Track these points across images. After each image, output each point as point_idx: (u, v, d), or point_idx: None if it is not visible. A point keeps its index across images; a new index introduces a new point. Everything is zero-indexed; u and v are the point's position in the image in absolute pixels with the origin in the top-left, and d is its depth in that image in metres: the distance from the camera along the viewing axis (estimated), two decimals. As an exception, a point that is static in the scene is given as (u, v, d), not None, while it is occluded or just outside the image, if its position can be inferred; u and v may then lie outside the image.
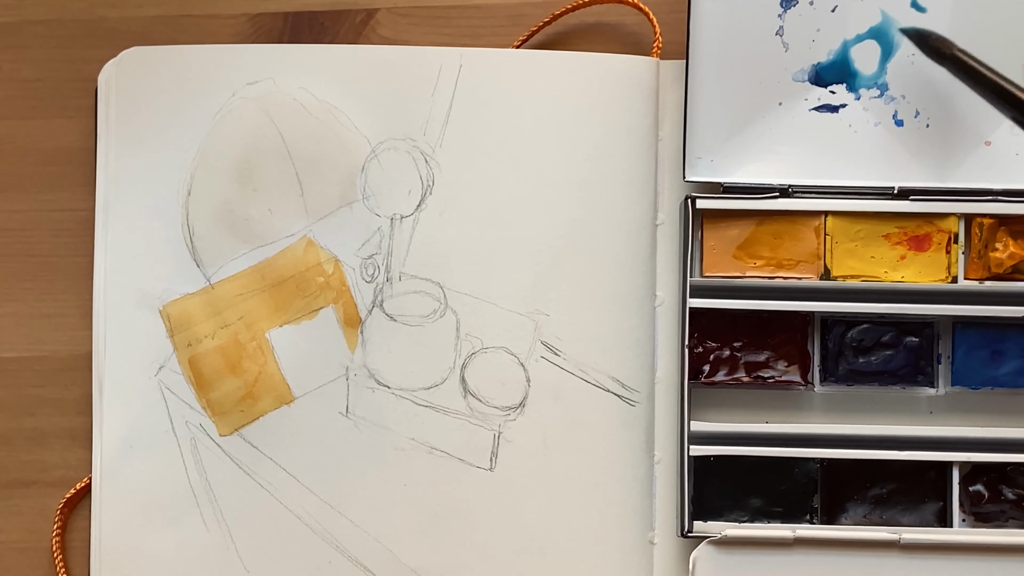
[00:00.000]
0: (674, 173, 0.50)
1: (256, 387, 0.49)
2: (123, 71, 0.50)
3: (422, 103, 0.50)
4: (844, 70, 0.48)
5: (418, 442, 0.49)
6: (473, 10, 0.52)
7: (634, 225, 0.50)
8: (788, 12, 0.48)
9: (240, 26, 0.52)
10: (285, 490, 0.49)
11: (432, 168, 0.50)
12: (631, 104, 0.50)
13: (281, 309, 0.50)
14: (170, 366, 0.49)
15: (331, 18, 0.52)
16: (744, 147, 0.49)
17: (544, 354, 0.49)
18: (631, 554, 0.49)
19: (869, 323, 0.49)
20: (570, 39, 0.52)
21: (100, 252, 0.50)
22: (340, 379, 0.49)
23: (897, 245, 0.49)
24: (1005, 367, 0.48)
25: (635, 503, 0.49)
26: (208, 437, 0.49)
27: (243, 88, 0.50)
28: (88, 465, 0.50)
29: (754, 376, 0.49)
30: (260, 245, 0.50)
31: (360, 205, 0.50)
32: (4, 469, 0.51)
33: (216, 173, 0.50)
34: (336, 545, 0.49)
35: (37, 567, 0.50)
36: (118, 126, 0.50)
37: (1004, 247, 0.48)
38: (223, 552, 0.49)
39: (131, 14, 0.52)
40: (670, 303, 0.50)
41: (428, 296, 0.49)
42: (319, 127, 0.50)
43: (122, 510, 0.49)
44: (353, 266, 0.50)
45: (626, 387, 0.49)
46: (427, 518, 0.49)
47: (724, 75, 0.48)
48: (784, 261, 0.49)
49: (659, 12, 0.50)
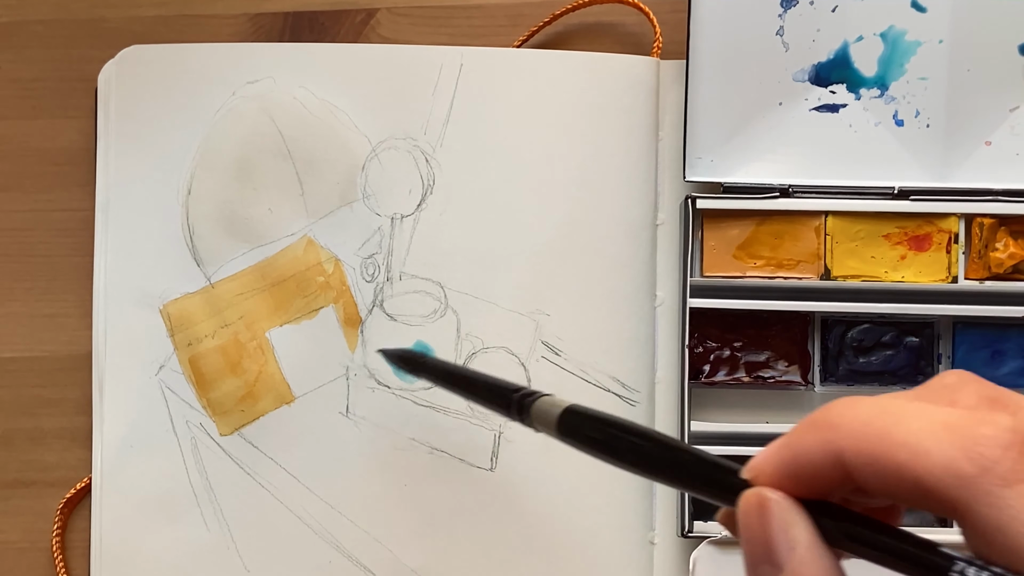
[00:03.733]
0: (674, 173, 0.50)
1: (256, 387, 0.49)
2: (123, 71, 0.50)
3: (423, 102, 0.50)
4: (844, 70, 0.48)
5: (418, 442, 0.49)
6: (473, 10, 0.52)
7: (634, 225, 0.50)
8: (788, 12, 0.48)
9: (240, 26, 0.52)
10: (285, 490, 0.49)
11: (433, 167, 0.50)
12: (631, 104, 0.50)
13: (281, 309, 0.50)
14: (170, 365, 0.49)
15: (331, 18, 0.52)
16: (744, 147, 0.49)
17: (544, 354, 0.49)
18: (631, 554, 0.49)
19: (869, 323, 0.49)
20: (570, 39, 0.52)
21: (100, 252, 0.50)
22: (340, 379, 0.49)
23: (897, 245, 0.49)
24: (1005, 367, 0.48)
25: (635, 503, 0.49)
26: (208, 437, 0.49)
27: (243, 87, 0.50)
28: (88, 465, 0.50)
29: (754, 376, 0.49)
30: (260, 244, 0.50)
31: (360, 204, 0.50)
32: (4, 469, 0.51)
33: (216, 172, 0.50)
34: (336, 545, 0.49)
35: (37, 567, 0.50)
36: (118, 126, 0.50)
37: (1004, 247, 0.48)
38: (223, 552, 0.49)
39: (131, 14, 0.52)
40: (670, 303, 0.50)
41: (428, 296, 0.49)
42: (319, 126, 0.50)
43: (122, 510, 0.49)
44: (353, 266, 0.50)
45: (626, 387, 0.49)
46: (427, 518, 0.49)
47: (724, 75, 0.48)
48: (784, 261, 0.49)
49: (659, 12, 0.50)
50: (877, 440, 0.23)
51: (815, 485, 0.25)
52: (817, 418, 0.25)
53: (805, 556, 0.24)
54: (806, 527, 0.24)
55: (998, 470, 0.22)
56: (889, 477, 0.23)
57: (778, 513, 0.25)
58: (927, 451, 0.22)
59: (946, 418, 0.23)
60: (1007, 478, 0.22)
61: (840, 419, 0.24)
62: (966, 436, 0.22)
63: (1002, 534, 0.22)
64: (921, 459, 0.22)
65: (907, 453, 0.23)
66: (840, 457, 0.24)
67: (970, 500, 0.22)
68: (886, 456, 0.23)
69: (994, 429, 0.22)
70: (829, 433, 0.24)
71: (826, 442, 0.24)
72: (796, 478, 0.25)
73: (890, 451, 0.23)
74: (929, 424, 0.23)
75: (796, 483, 0.25)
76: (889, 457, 0.23)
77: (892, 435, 0.23)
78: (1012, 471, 0.22)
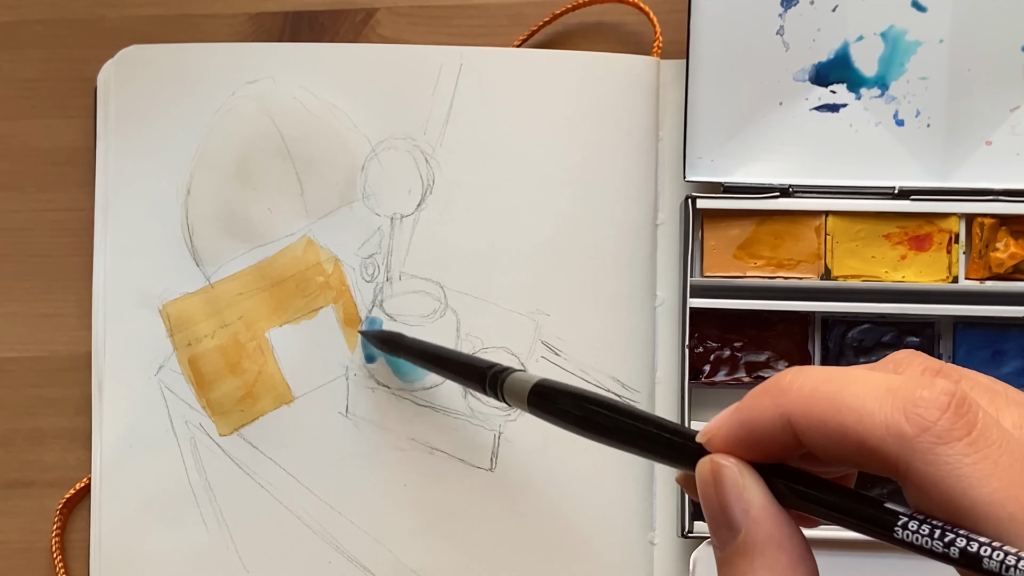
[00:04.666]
0: (674, 173, 0.50)
1: (256, 387, 0.49)
2: (122, 70, 0.50)
3: (422, 102, 0.50)
4: (845, 70, 0.48)
5: (418, 442, 0.49)
6: (473, 10, 0.52)
7: (634, 225, 0.50)
8: (788, 12, 0.48)
9: (240, 25, 0.52)
10: (285, 490, 0.49)
11: (432, 167, 0.50)
12: (631, 104, 0.50)
13: (281, 309, 0.50)
14: (170, 366, 0.49)
15: (331, 18, 0.52)
16: (744, 147, 0.48)
17: (544, 354, 0.49)
18: (631, 554, 0.49)
19: (870, 323, 0.49)
20: (570, 39, 0.52)
21: (99, 252, 0.50)
22: (340, 379, 0.49)
23: (898, 245, 0.49)
24: (1006, 367, 0.48)
25: (635, 503, 0.49)
26: (208, 437, 0.49)
27: (243, 87, 0.50)
28: (88, 465, 0.50)
29: (754, 376, 0.49)
30: (260, 244, 0.50)
31: (360, 204, 0.50)
32: (4, 469, 0.51)
33: (216, 172, 0.50)
34: (336, 545, 0.49)
35: (37, 567, 0.50)
36: (117, 125, 0.50)
37: (1005, 247, 0.48)
38: (223, 552, 0.49)
39: (131, 13, 0.52)
40: (670, 303, 0.50)
41: (428, 296, 0.49)
42: (319, 126, 0.50)
43: (122, 510, 0.49)
44: (353, 266, 0.50)
45: (626, 387, 0.49)
46: (427, 518, 0.49)
47: (724, 75, 0.48)
48: (784, 261, 0.49)
49: (659, 12, 0.50)
50: (825, 403, 0.25)
51: (767, 449, 0.26)
52: (768, 385, 0.26)
53: (759, 516, 0.26)
54: (759, 490, 0.26)
55: (935, 430, 0.23)
56: (835, 439, 0.24)
57: (731, 478, 0.26)
58: (870, 413, 0.24)
59: (888, 383, 0.24)
60: (943, 437, 0.23)
61: (790, 385, 0.25)
62: (907, 399, 0.23)
63: (939, 489, 0.23)
64: (865, 421, 0.24)
65: (852, 416, 0.24)
66: (789, 420, 0.25)
67: (910, 458, 0.23)
68: (832, 419, 0.24)
69: (932, 392, 0.23)
70: (779, 398, 0.25)
71: (776, 407, 0.25)
72: (748, 442, 0.26)
73: (836, 414, 0.24)
74: (873, 388, 0.24)
75: (749, 447, 0.26)
76: (835, 420, 0.24)
77: (838, 399, 0.24)
78: (948, 431, 0.23)
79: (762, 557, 0.25)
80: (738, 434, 0.26)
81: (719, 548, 0.26)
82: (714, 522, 0.26)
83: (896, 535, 0.24)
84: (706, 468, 0.27)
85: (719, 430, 0.27)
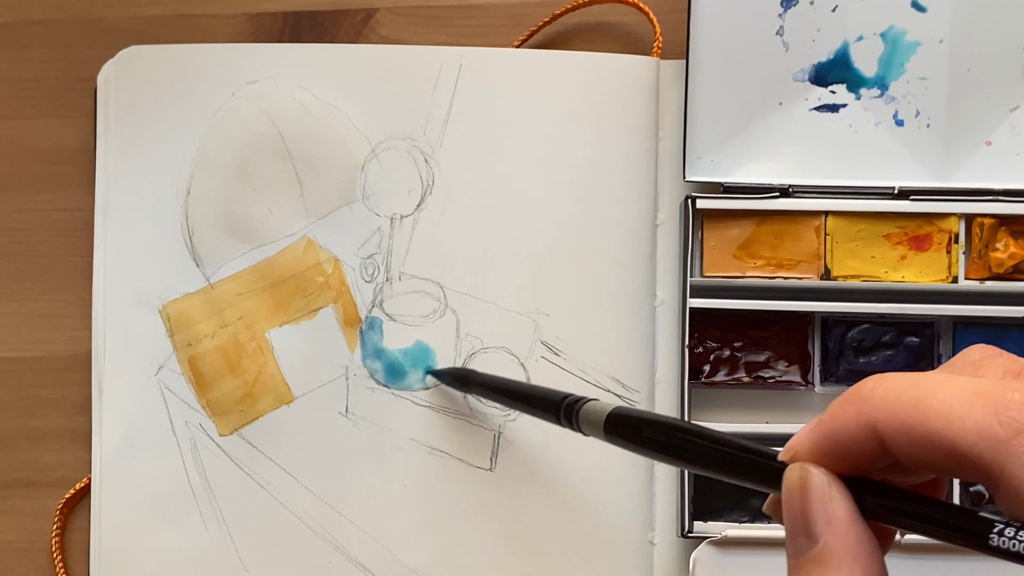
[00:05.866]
0: (674, 173, 0.50)
1: (256, 387, 0.49)
2: (122, 70, 0.50)
3: (422, 102, 0.50)
4: (844, 70, 0.48)
5: (418, 442, 0.49)
6: (473, 10, 0.52)
7: (634, 225, 0.50)
8: (788, 12, 0.48)
9: (240, 26, 0.52)
10: (285, 490, 0.49)
11: (432, 168, 0.50)
12: (631, 104, 0.50)
13: (281, 309, 0.50)
14: (170, 366, 0.49)
15: (331, 18, 0.52)
16: (744, 147, 0.48)
17: (544, 354, 0.49)
18: (631, 554, 0.49)
19: (869, 323, 0.49)
20: (570, 39, 0.52)
21: (99, 252, 0.50)
22: (340, 379, 0.49)
23: (897, 245, 0.49)
24: (1005, 367, 0.48)
25: (635, 503, 0.49)
26: (208, 437, 0.49)
27: (243, 87, 0.50)
28: (88, 465, 0.50)
29: (754, 376, 0.49)
30: (260, 245, 0.50)
31: (360, 205, 0.50)
32: (4, 469, 0.51)
33: (215, 173, 0.50)
34: (336, 545, 0.49)
35: (37, 567, 0.50)
36: (117, 126, 0.50)
37: (1005, 247, 0.48)
38: (223, 552, 0.49)
39: (130, 14, 0.52)
40: (670, 303, 0.50)
41: (428, 296, 0.49)
42: (319, 126, 0.50)
43: (122, 510, 0.49)
44: (353, 266, 0.50)
45: (626, 387, 0.49)
46: (427, 518, 0.49)
47: (724, 75, 0.48)
48: (784, 261, 0.49)
49: (659, 12, 0.50)
50: (911, 409, 0.24)
51: (852, 460, 0.26)
52: (849, 395, 0.26)
53: (839, 528, 0.25)
54: (844, 502, 0.25)
55: None
56: (923, 445, 0.24)
57: (818, 487, 0.26)
58: (960, 417, 0.23)
59: (976, 387, 0.24)
60: None
61: (872, 393, 0.25)
62: (997, 402, 0.23)
63: None
64: (955, 425, 0.23)
65: (940, 420, 0.23)
66: (874, 429, 0.25)
67: (1004, 462, 0.23)
68: (920, 424, 0.24)
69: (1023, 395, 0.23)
70: (862, 407, 0.25)
71: (860, 415, 0.25)
72: (832, 454, 0.26)
73: (924, 419, 0.24)
74: (959, 392, 0.24)
75: (833, 459, 0.26)
76: (923, 425, 0.24)
77: (925, 404, 0.24)
78: None
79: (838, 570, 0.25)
80: (822, 447, 0.26)
81: (793, 556, 0.26)
82: (793, 529, 0.26)
83: (992, 543, 0.23)
84: (794, 475, 0.26)
85: (802, 446, 0.26)
